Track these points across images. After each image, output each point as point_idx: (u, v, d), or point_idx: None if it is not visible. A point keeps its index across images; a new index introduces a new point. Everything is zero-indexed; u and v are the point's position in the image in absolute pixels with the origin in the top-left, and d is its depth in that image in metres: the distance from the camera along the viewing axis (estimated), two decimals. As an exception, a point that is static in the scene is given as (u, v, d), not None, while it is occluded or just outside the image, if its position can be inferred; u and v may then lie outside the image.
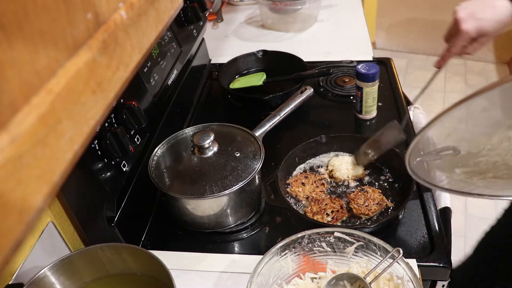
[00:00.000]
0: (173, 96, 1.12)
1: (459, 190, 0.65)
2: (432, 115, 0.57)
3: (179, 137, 0.97)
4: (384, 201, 0.91)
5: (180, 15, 1.20)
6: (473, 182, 0.63)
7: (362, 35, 1.59)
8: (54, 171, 0.25)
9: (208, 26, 1.72)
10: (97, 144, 0.77)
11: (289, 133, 1.16)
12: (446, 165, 0.65)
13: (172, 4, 0.42)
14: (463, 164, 0.63)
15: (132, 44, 0.34)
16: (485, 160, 0.60)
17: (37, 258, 0.74)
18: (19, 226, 0.22)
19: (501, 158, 0.59)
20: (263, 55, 1.40)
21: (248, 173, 0.87)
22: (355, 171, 0.98)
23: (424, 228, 0.88)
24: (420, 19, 3.65)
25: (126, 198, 0.86)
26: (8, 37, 0.22)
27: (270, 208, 0.95)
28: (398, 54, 3.28)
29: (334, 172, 0.99)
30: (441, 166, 0.66)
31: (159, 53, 1.06)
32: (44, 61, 0.24)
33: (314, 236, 0.76)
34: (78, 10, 0.28)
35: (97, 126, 0.30)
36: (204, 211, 0.90)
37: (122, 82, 0.33)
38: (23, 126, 0.22)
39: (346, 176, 0.98)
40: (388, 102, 1.23)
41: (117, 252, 0.76)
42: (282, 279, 0.76)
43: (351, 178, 0.98)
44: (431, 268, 0.82)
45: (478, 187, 0.63)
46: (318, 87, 1.31)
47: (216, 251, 0.89)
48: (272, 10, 1.62)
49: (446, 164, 0.65)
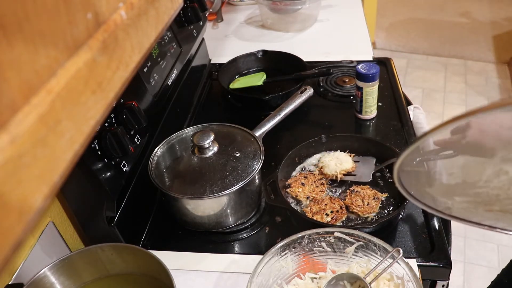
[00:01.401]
0: (173, 96, 1.12)
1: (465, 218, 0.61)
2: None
3: (179, 137, 0.97)
4: (377, 194, 0.92)
5: (180, 15, 1.20)
6: (480, 213, 0.61)
7: (362, 35, 1.59)
8: (54, 171, 0.25)
9: (208, 26, 1.72)
10: (97, 144, 0.77)
11: (289, 133, 1.16)
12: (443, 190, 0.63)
13: (172, 4, 0.42)
14: (462, 193, 0.61)
15: (132, 44, 0.34)
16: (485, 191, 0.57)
17: (37, 258, 0.74)
18: (19, 226, 0.22)
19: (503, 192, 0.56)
20: (263, 55, 1.40)
21: (248, 173, 0.87)
22: (344, 165, 0.98)
23: (424, 228, 0.88)
24: (420, 19, 3.66)
25: (126, 198, 0.86)
26: (8, 37, 0.22)
27: (270, 208, 0.95)
28: (398, 54, 3.28)
29: (323, 168, 0.99)
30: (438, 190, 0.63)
31: (159, 53, 1.06)
32: (44, 61, 0.24)
33: (314, 236, 0.76)
34: (78, 10, 0.28)
35: (97, 126, 0.30)
36: (204, 211, 0.90)
37: (122, 82, 0.33)
38: (23, 126, 0.22)
39: (335, 171, 0.98)
40: (388, 102, 1.23)
41: (117, 252, 0.76)
42: (282, 279, 0.76)
43: (339, 173, 0.98)
44: (431, 268, 0.82)
45: (488, 218, 0.61)
46: (318, 87, 1.31)
47: (216, 251, 0.89)
48: (272, 10, 1.62)
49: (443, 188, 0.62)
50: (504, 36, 3.38)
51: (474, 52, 3.25)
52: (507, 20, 3.56)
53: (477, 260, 1.93)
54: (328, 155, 1.02)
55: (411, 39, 3.42)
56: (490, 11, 3.69)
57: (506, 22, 3.54)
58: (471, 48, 3.29)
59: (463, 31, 3.48)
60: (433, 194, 0.62)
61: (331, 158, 1.00)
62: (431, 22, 3.61)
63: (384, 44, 3.40)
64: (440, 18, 3.66)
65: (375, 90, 1.13)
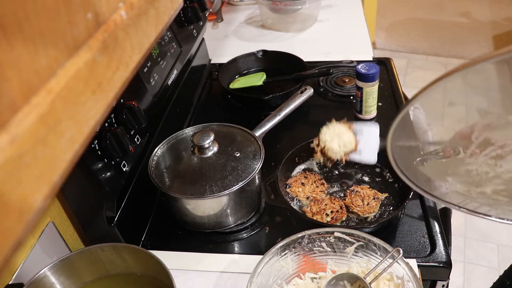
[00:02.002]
0: (173, 96, 1.12)
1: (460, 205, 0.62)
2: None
3: (179, 137, 0.97)
4: (377, 193, 0.92)
5: (180, 15, 1.20)
6: (473, 197, 0.61)
7: (362, 35, 1.59)
8: (54, 171, 0.25)
9: (208, 26, 1.72)
10: (97, 144, 0.77)
11: (289, 133, 1.16)
12: (435, 170, 0.63)
13: (172, 4, 0.42)
14: (454, 172, 0.61)
15: (132, 44, 0.34)
16: (474, 169, 0.58)
17: (37, 258, 0.74)
18: (19, 226, 0.22)
19: (491, 169, 0.57)
20: (263, 55, 1.40)
21: (248, 173, 0.87)
22: (347, 146, 0.89)
23: (424, 228, 0.88)
24: (420, 19, 3.66)
25: (126, 198, 0.86)
26: (8, 37, 0.22)
27: (270, 208, 0.95)
28: (398, 54, 3.28)
29: (327, 151, 0.90)
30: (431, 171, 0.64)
31: (159, 53, 1.06)
32: (44, 61, 0.24)
33: (314, 236, 0.77)
34: (78, 10, 0.28)
35: (97, 126, 0.30)
36: (204, 211, 0.90)
37: (122, 82, 0.33)
38: (23, 126, 0.22)
39: (340, 156, 0.89)
40: (388, 102, 1.23)
41: (117, 252, 0.76)
42: (282, 279, 0.76)
43: (344, 156, 0.90)
44: (431, 268, 0.82)
45: (482, 205, 0.61)
46: (318, 87, 1.31)
47: (216, 251, 0.89)
48: (272, 10, 1.62)
49: (435, 168, 0.63)
50: (504, 36, 3.38)
51: (474, 52, 3.25)
52: (507, 20, 3.56)
53: (477, 260, 1.93)
54: (328, 131, 0.91)
55: (411, 39, 3.42)
56: (490, 11, 3.69)
57: (506, 22, 3.54)
58: (471, 48, 3.28)
59: (463, 31, 3.48)
60: (427, 174, 0.63)
61: (332, 137, 0.90)
62: (431, 22, 3.61)
63: (384, 44, 3.40)
64: (440, 18, 3.65)
65: (375, 90, 1.13)
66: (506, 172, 0.58)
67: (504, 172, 0.58)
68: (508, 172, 0.58)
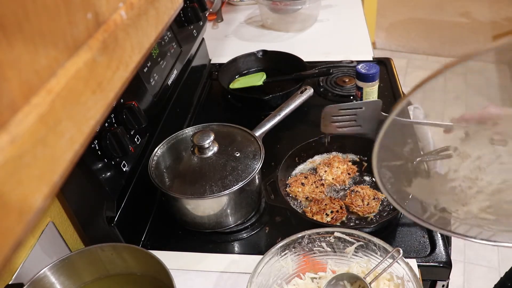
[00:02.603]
0: (173, 96, 1.12)
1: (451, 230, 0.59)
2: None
3: (179, 137, 0.97)
4: (377, 194, 0.92)
5: (180, 15, 1.20)
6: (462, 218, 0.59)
7: (362, 35, 1.59)
8: (54, 171, 0.25)
9: (208, 26, 1.72)
10: (97, 144, 0.77)
11: (289, 133, 1.16)
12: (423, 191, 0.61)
13: (172, 4, 0.42)
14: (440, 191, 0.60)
15: (132, 44, 0.34)
16: (458, 185, 0.57)
17: (37, 258, 0.74)
18: (19, 226, 0.22)
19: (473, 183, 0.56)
20: (263, 55, 1.40)
21: (248, 173, 0.87)
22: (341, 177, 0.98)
23: (424, 228, 0.88)
24: (420, 19, 3.66)
25: (126, 198, 0.86)
26: (8, 37, 0.22)
27: (270, 208, 0.95)
28: (398, 54, 3.28)
29: (323, 181, 0.98)
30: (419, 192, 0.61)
31: (159, 53, 1.06)
32: (44, 61, 0.24)
33: (314, 236, 0.76)
34: (78, 10, 0.28)
35: (97, 126, 0.30)
36: (204, 211, 0.90)
37: (122, 82, 0.33)
38: (23, 126, 0.22)
39: (336, 181, 0.98)
40: (388, 102, 1.23)
41: (117, 252, 0.76)
42: (282, 279, 0.76)
43: (339, 181, 0.97)
44: (431, 268, 0.82)
45: (472, 227, 0.59)
46: (318, 87, 1.31)
47: (216, 251, 0.89)
48: (272, 10, 1.62)
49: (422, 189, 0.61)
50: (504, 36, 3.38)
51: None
52: (507, 20, 3.56)
53: (477, 260, 1.93)
54: (324, 166, 0.99)
55: (411, 39, 3.42)
56: (490, 11, 3.69)
57: (506, 22, 3.54)
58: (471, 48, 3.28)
59: (463, 31, 3.48)
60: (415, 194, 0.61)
61: (328, 173, 0.98)
62: (431, 22, 3.61)
63: (384, 44, 3.40)
64: (440, 18, 3.65)
65: (375, 90, 1.13)
66: (487, 185, 0.57)
67: (485, 185, 0.57)
68: (489, 185, 0.57)
